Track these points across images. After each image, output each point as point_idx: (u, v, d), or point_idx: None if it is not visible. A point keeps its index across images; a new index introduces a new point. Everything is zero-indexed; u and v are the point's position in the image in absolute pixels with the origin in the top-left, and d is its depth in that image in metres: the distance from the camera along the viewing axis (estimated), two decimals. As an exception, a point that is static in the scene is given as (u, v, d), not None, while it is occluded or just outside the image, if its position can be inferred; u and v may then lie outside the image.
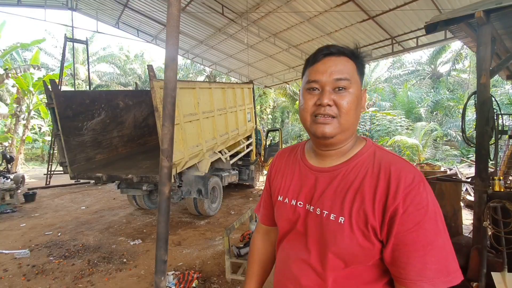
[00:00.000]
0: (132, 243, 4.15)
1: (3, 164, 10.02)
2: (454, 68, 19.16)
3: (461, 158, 11.96)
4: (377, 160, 0.72)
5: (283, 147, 9.04)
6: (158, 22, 10.60)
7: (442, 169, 7.39)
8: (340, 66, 0.72)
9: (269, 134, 9.38)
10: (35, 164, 17.91)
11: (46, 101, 4.46)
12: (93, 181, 9.18)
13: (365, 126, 16.79)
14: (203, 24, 10.01)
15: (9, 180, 7.66)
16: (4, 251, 3.83)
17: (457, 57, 18.49)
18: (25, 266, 3.38)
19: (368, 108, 13.93)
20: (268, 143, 9.57)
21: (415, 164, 9.22)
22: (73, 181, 9.78)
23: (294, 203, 0.80)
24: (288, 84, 14.46)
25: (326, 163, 0.78)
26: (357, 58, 0.75)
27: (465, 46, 13.14)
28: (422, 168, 7.22)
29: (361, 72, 0.76)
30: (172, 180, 4.22)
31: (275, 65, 12.28)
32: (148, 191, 5.43)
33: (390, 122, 15.30)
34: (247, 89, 7.17)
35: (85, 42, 9.78)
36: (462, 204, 4.22)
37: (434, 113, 17.07)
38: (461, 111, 15.26)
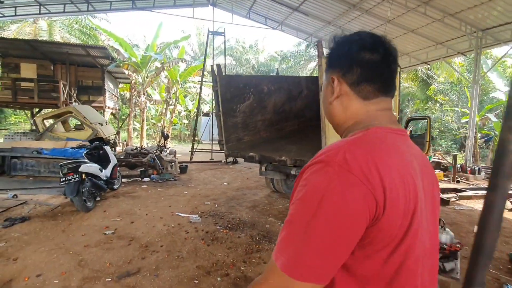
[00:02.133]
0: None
1: (161, 140, 12.44)
2: None
3: None
4: None
5: (430, 139, 7.54)
6: (287, 6, 10.54)
7: None
8: None
9: (409, 124, 8.00)
10: (175, 142, 21.78)
11: (212, 84, 4.92)
12: (229, 159, 10.19)
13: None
14: (336, 1, 9.29)
15: (167, 153, 9.35)
16: (180, 214, 4.49)
17: None
18: (200, 231, 3.81)
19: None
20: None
21: None
22: (208, 159, 11.22)
23: None
24: (428, 64, 12.08)
25: None
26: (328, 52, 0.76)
27: None
28: None
29: (330, 64, 0.74)
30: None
31: (416, 41, 10.37)
32: (286, 175, 5.45)
33: None
34: (393, 73, 6.15)
35: (223, 34, 10.72)
36: None
37: None
38: None
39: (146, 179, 7.04)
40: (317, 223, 0.54)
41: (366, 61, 0.68)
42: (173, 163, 8.04)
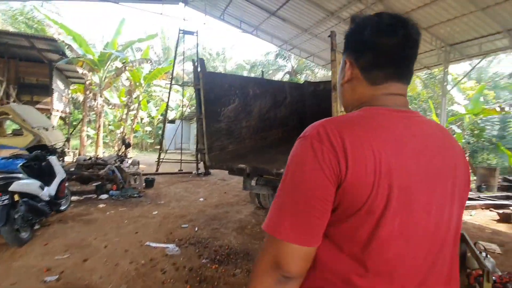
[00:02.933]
0: (282, 254, 3.43)
1: (121, 149, 10.98)
2: None
3: None
4: None
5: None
6: (265, 9, 10.09)
7: None
8: None
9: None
10: (136, 151, 19.92)
11: (193, 82, 4.12)
12: (200, 171, 9.22)
13: (491, 130, 13.55)
14: (314, 8, 9.08)
15: (129, 164, 8.11)
16: (152, 244, 3.53)
17: None
18: (181, 269, 2.93)
19: (502, 110, 10.86)
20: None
21: None
22: (175, 169, 10.12)
23: None
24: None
25: None
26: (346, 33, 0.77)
27: None
28: None
29: (346, 46, 0.76)
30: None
31: (389, 54, 10.58)
32: (274, 190, 4.77)
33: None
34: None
35: (195, 33, 9.89)
36: None
37: None
38: None
39: (104, 196, 5.82)
40: (291, 185, 0.61)
41: (380, 46, 0.68)
42: (137, 176, 6.89)
